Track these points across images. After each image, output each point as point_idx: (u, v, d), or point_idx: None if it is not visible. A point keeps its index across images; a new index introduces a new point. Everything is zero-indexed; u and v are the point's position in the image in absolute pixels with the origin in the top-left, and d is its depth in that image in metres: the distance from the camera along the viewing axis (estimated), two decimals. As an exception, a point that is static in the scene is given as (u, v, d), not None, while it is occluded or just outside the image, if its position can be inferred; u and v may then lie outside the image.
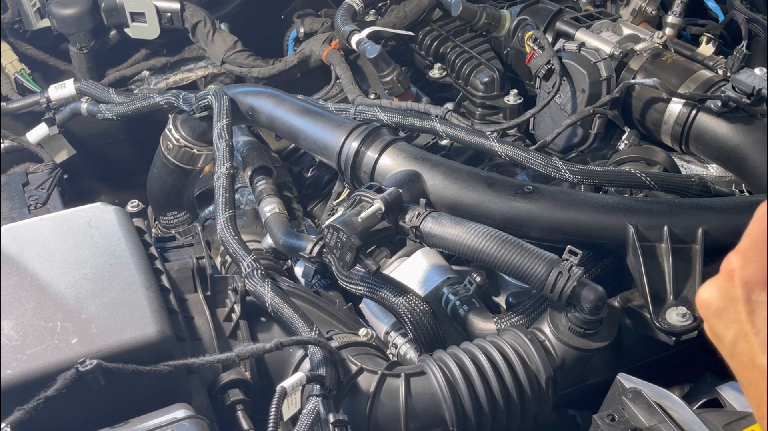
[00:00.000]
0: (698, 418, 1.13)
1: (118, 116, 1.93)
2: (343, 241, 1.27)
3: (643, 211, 1.33)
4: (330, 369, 1.16)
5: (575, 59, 1.73)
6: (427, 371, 1.24)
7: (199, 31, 2.27)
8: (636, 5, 2.01)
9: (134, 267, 1.18)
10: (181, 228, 2.04)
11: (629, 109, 1.72)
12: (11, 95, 2.20)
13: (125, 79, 2.31)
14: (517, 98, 1.93)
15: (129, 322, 1.10)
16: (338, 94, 2.08)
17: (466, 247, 1.25)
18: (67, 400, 1.00)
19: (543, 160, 1.45)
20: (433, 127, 1.61)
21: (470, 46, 2.06)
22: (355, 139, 1.48)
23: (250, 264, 1.35)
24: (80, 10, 2.20)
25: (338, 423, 1.08)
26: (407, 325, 1.36)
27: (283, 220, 1.66)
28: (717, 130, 1.57)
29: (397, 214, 1.31)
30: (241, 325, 1.33)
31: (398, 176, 1.40)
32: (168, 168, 1.90)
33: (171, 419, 1.02)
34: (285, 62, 2.20)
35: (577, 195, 1.38)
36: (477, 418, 1.22)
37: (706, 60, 1.79)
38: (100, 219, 1.26)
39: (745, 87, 1.50)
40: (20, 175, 1.94)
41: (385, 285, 1.37)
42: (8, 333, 1.07)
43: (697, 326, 1.28)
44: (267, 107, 1.63)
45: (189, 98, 1.74)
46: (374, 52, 1.88)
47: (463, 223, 1.27)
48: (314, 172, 2.04)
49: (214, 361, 1.13)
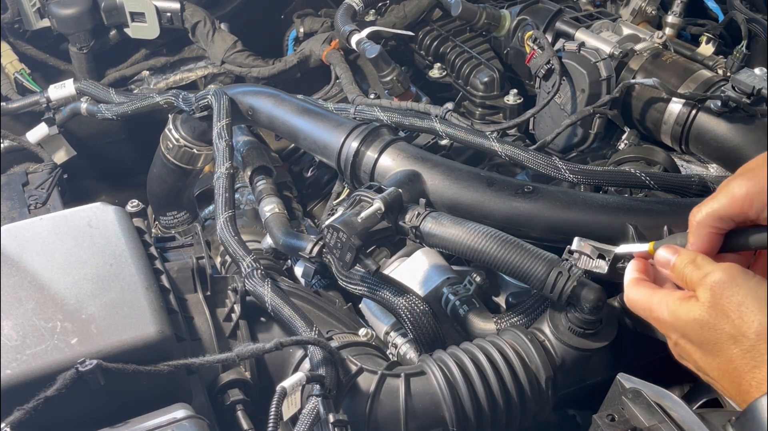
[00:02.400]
0: (698, 418, 1.13)
1: (117, 116, 1.93)
2: (342, 241, 1.27)
3: (643, 211, 1.33)
4: (330, 369, 1.16)
5: (575, 59, 1.73)
6: (427, 371, 1.24)
7: (198, 31, 2.27)
8: (636, 5, 2.01)
9: (134, 267, 1.18)
10: (181, 228, 2.04)
11: (629, 109, 1.72)
12: (11, 95, 2.20)
13: (125, 79, 2.31)
14: (517, 98, 1.93)
15: (129, 322, 1.10)
16: (338, 94, 2.08)
17: (465, 247, 1.25)
18: (67, 400, 1.00)
19: (543, 159, 1.44)
20: (432, 127, 1.61)
21: (470, 46, 2.06)
22: (355, 138, 1.48)
23: (249, 264, 1.35)
24: (80, 10, 2.20)
25: (338, 423, 1.08)
26: (407, 325, 1.36)
27: (283, 220, 1.66)
28: (717, 129, 1.57)
29: (396, 214, 1.31)
30: (240, 325, 1.33)
31: (398, 176, 1.40)
32: (168, 168, 1.90)
33: (171, 419, 1.02)
34: (285, 62, 2.20)
35: (577, 195, 1.38)
36: (477, 418, 1.22)
37: (706, 60, 1.79)
38: (100, 219, 1.26)
39: (744, 87, 1.50)
40: (20, 175, 1.94)
41: (385, 285, 1.37)
42: (8, 333, 1.07)
43: (696, 326, 1.29)
44: (267, 107, 1.63)
45: (189, 98, 1.74)
46: (374, 52, 1.88)
47: (463, 223, 1.27)
48: (314, 172, 2.04)
49: (213, 361, 1.12)
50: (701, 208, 0.90)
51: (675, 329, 0.90)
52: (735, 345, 0.84)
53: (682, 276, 0.91)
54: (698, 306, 0.87)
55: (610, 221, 1.32)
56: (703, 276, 0.88)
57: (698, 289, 0.88)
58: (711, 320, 0.85)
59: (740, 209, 0.87)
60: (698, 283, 0.88)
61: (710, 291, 0.86)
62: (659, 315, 0.91)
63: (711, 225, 0.90)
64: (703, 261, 0.90)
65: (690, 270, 0.90)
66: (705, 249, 0.91)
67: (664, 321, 0.91)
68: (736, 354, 0.84)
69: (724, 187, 0.89)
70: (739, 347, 0.84)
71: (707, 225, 0.90)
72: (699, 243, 0.91)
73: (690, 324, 0.87)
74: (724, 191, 0.89)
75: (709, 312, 0.86)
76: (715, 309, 0.85)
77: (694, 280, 0.89)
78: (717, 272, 0.87)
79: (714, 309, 0.85)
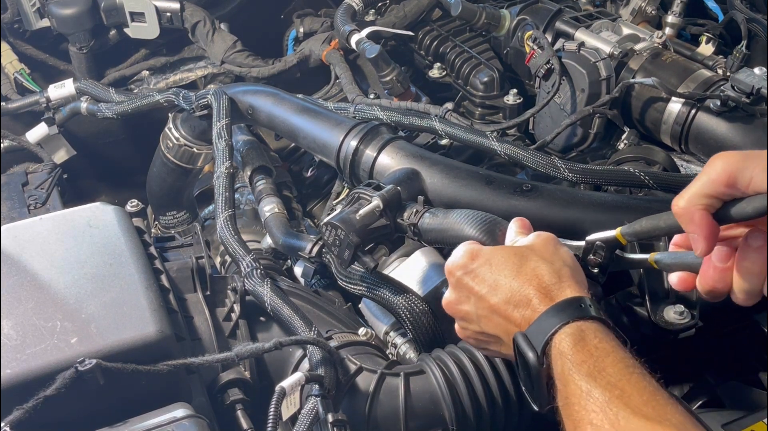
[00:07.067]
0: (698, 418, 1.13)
1: (118, 115, 1.93)
2: (341, 238, 1.27)
3: (642, 210, 1.32)
4: (329, 368, 1.16)
5: (575, 59, 1.73)
6: (427, 370, 1.24)
7: (198, 31, 2.27)
8: (636, 5, 2.01)
9: (134, 267, 1.18)
10: (181, 228, 2.04)
11: (629, 108, 1.72)
12: (11, 95, 2.20)
13: (125, 78, 2.31)
14: (516, 98, 1.93)
15: (128, 322, 1.10)
16: (338, 94, 2.08)
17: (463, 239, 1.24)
18: (67, 400, 1.00)
19: (542, 159, 1.44)
20: (432, 126, 1.61)
21: (470, 46, 2.06)
22: (354, 137, 1.48)
23: (249, 264, 1.35)
24: (80, 10, 2.20)
25: (337, 423, 1.08)
26: (406, 325, 1.36)
27: (283, 220, 1.66)
28: (716, 129, 1.57)
29: (395, 212, 1.31)
30: (240, 325, 1.33)
31: (397, 174, 1.40)
32: (168, 167, 1.90)
33: (171, 418, 1.02)
34: (285, 62, 2.20)
35: (576, 193, 1.38)
36: (476, 417, 1.22)
37: (706, 60, 1.78)
38: (99, 219, 1.26)
39: (744, 86, 1.50)
40: (20, 175, 1.94)
41: (385, 284, 1.37)
42: (8, 333, 1.07)
43: (695, 324, 1.29)
44: (266, 106, 1.63)
45: (189, 97, 1.74)
46: (374, 52, 1.88)
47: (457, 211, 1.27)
48: (314, 172, 2.04)
49: (213, 361, 1.13)
50: (682, 194, 0.90)
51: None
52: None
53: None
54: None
55: (609, 220, 1.31)
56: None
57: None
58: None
59: (724, 183, 0.87)
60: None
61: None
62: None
63: (696, 204, 0.89)
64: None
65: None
66: (704, 233, 0.89)
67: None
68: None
69: (702, 171, 0.89)
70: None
71: (694, 205, 0.89)
72: (694, 226, 0.90)
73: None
74: (702, 173, 0.89)
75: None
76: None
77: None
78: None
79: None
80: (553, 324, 0.97)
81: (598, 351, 0.93)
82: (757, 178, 0.85)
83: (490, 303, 1.06)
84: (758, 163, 0.85)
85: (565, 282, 1.02)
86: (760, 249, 0.89)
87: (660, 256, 1.03)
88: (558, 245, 1.10)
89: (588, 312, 0.98)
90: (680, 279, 1.01)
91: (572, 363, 0.93)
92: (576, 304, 0.98)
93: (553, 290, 1.01)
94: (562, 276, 1.03)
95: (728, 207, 0.88)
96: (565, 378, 0.93)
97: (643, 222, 1.02)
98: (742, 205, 0.87)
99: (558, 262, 1.05)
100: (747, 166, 0.86)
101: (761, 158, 0.85)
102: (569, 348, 0.94)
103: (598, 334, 0.95)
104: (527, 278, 1.03)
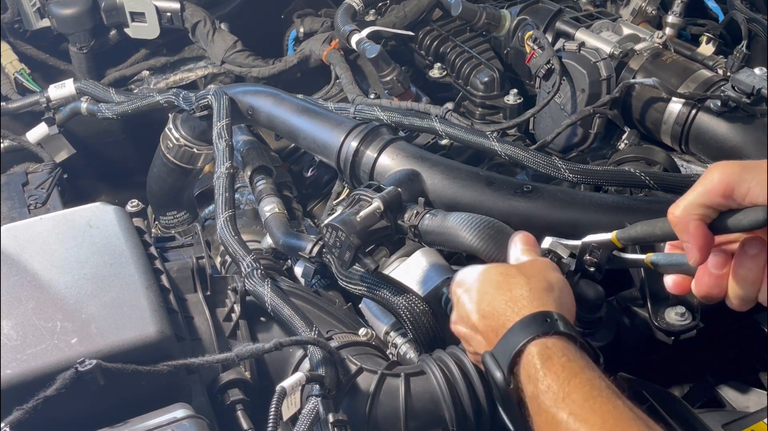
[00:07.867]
0: (698, 418, 1.13)
1: (118, 115, 1.93)
2: (341, 240, 1.27)
3: (642, 211, 1.32)
4: (329, 369, 1.16)
5: (575, 59, 1.73)
6: (427, 371, 1.24)
7: (199, 30, 2.27)
8: (636, 5, 2.01)
9: (134, 267, 1.18)
10: (181, 228, 2.04)
11: (629, 108, 1.72)
12: (11, 95, 2.20)
13: (125, 78, 2.31)
14: (517, 98, 1.93)
15: (129, 322, 1.10)
16: (338, 94, 2.07)
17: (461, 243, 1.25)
18: (67, 400, 1.00)
19: (543, 159, 1.44)
20: (432, 126, 1.61)
21: (470, 46, 2.06)
22: (355, 138, 1.48)
23: (249, 264, 1.35)
24: (80, 10, 2.20)
25: (338, 423, 1.08)
26: (407, 325, 1.36)
27: (283, 220, 1.66)
28: (717, 129, 1.57)
29: (395, 213, 1.31)
30: (240, 325, 1.33)
31: (397, 175, 1.40)
32: (168, 167, 1.90)
33: (171, 418, 1.02)
34: (285, 62, 2.20)
35: (576, 194, 1.38)
36: (476, 417, 1.22)
37: (706, 60, 1.79)
38: (99, 219, 1.26)
39: (744, 87, 1.50)
40: (20, 175, 1.94)
41: (385, 284, 1.37)
42: (8, 333, 1.07)
43: (695, 325, 1.29)
44: (267, 106, 1.63)
45: (189, 97, 1.74)
46: (374, 52, 1.88)
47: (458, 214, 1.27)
48: (314, 172, 2.04)
49: (213, 361, 1.12)
50: (678, 203, 0.90)
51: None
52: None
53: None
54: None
55: (610, 220, 1.31)
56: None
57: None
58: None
59: (721, 194, 0.86)
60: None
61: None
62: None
63: (692, 213, 0.88)
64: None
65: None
66: (698, 243, 0.89)
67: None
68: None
69: (699, 181, 0.89)
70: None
71: (689, 214, 0.88)
72: (688, 235, 0.89)
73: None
74: (698, 183, 0.88)
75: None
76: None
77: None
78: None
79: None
80: (518, 341, 0.95)
81: (565, 372, 0.91)
82: (754, 189, 0.84)
83: (473, 322, 1.05)
84: (756, 175, 0.85)
85: (539, 298, 1.00)
86: (757, 257, 0.89)
87: (656, 257, 1.02)
88: (550, 268, 1.07)
89: (556, 326, 0.96)
90: (675, 282, 1.00)
91: (539, 390, 0.91)
92: (541, 319, 0.97)
93: (522, 303, 0.99)
94: (537, 291, 1.01)
95: (724, 217, 0.88)
96: (537, 405, 0.92)
97: (639, 228, 1.01)
98: (738, 216, 0.87)
99: (541, 281, 1.03)
100: (745, 178, 0.85)
101: (760, 170, 0.85)
102: (536, 372, 0.93)
103: (566, 352, 0.94)
104: (502, 292, 1.02)
